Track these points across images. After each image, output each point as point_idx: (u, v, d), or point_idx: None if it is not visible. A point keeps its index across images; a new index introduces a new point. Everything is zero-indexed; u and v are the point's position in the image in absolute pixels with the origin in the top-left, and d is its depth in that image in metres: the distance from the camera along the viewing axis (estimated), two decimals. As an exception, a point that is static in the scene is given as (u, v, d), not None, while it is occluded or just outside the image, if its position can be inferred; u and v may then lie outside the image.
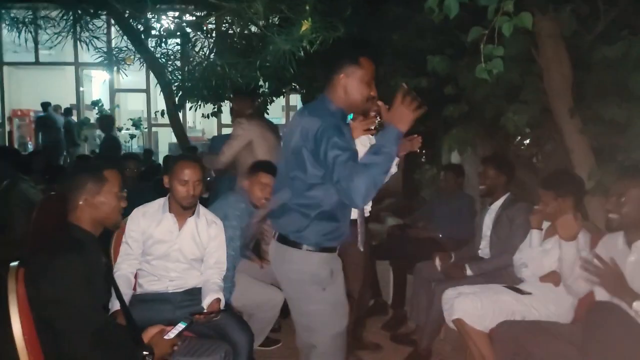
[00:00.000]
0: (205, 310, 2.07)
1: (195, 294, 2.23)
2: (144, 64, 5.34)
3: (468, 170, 5.41)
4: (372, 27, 3.23)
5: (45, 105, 8.26)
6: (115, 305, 2.00)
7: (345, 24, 2.60)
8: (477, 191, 4.76)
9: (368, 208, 2.65)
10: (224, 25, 2.60)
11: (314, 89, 4.47)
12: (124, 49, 4.84)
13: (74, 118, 8.66)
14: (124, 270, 2.19)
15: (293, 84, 5.04)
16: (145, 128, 8.27)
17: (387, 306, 3.56)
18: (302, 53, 2.17)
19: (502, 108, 2.82)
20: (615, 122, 2.46)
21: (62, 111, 8.24)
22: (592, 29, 2.53)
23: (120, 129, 8.63)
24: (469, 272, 2.78)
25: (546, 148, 4.98)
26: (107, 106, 8.85)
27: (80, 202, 1.60)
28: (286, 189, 1.76)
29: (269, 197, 2.49)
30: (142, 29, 4.75)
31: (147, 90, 8.21)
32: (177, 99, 5.09)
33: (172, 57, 4.95)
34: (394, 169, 3.03)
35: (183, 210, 2.21)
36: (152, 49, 4.98)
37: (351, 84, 1.76)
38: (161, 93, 5.23)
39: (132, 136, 8.16)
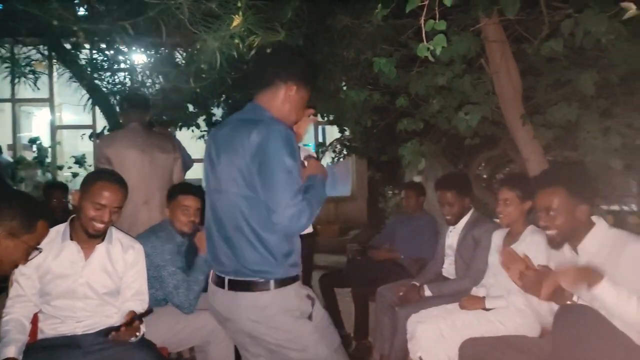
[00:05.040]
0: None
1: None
2: (90, 100, 5.02)
3: (430, 192, 5.32)
4: (321, 40, 3.14)
5: (-19, 146, 7.71)
6: (4, 352, 1.68)
7: (289, 33, 2.47)
8: (438, 211, 4.64)
9: None
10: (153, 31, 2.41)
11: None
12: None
13: (8, 157, 8.11)
14: (15, 314, 1.83)
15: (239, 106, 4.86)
16: (90, 166, 7.82)
17: (351, 338, 3.28)
18: (234, 52, 2.00)
19: (453, 119, 2.73)
20: (566, 125, 2.41)
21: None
22: (537, 35, 2.51)
23: (60, 168, 8.10)
24: (427, 292, 2.65)
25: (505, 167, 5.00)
26: (46, 144, 8.33)
27: None
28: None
29: (195, 219, 2.32)
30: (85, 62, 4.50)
31: (93, 127, 7.82)
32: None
33: (118, 89, 4.67)
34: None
35: (89, 237, 1.89)
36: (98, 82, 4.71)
37: (294, 100, 1.59)
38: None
39: (75, 175, 7.70)
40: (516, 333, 2.06)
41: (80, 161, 7.67)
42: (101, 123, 6.21)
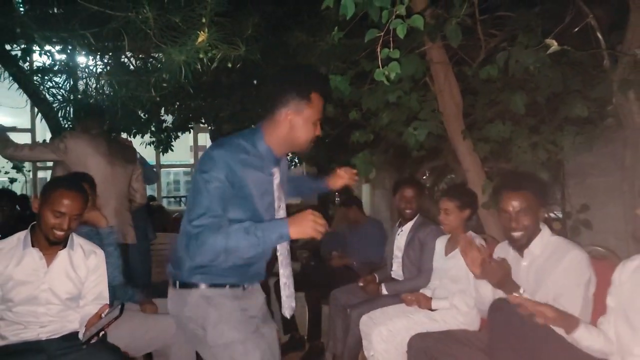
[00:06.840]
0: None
1: (75, 339, 1.91)
2: (28, 102, 4.78)
3: (378, 202, 5.58)
4: (276, 53, 3.27)
5: None
6: None
7: (248, 46, 2.58)
8: (385, 217, 4.88)
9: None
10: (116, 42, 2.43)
11: (220, 120, 4.37)
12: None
13: None
14: None
15: (199, 116, 4.87)
16: (29, 171, 7.38)
17: (304, 340, 3.39)
18: (198, 65, 2.08)
19: (404, 134, 2.95)
20: (501, 139, 2.69)
21: None
22: (475, 58, 2.79)
23: None
24: (384, 291, 2.81)
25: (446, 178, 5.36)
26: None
27: None
28: None
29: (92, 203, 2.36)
30: (27, 63, 4.29)
31: (32, 130, 7.42)
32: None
33: (60, 94, 4.48)
34: None
35: (50, 244, 1.92)
36: (37, 82, 4.49)
37: (298, 123, 1.53)
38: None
39: (13, 180, 7.26)
40: (458, 328, 2.28)
41: (18, 166, 7.21)
42: (40, 127, 5.90)
